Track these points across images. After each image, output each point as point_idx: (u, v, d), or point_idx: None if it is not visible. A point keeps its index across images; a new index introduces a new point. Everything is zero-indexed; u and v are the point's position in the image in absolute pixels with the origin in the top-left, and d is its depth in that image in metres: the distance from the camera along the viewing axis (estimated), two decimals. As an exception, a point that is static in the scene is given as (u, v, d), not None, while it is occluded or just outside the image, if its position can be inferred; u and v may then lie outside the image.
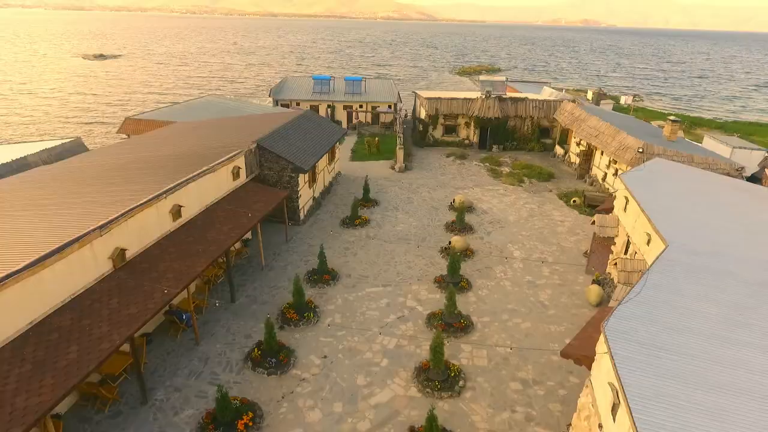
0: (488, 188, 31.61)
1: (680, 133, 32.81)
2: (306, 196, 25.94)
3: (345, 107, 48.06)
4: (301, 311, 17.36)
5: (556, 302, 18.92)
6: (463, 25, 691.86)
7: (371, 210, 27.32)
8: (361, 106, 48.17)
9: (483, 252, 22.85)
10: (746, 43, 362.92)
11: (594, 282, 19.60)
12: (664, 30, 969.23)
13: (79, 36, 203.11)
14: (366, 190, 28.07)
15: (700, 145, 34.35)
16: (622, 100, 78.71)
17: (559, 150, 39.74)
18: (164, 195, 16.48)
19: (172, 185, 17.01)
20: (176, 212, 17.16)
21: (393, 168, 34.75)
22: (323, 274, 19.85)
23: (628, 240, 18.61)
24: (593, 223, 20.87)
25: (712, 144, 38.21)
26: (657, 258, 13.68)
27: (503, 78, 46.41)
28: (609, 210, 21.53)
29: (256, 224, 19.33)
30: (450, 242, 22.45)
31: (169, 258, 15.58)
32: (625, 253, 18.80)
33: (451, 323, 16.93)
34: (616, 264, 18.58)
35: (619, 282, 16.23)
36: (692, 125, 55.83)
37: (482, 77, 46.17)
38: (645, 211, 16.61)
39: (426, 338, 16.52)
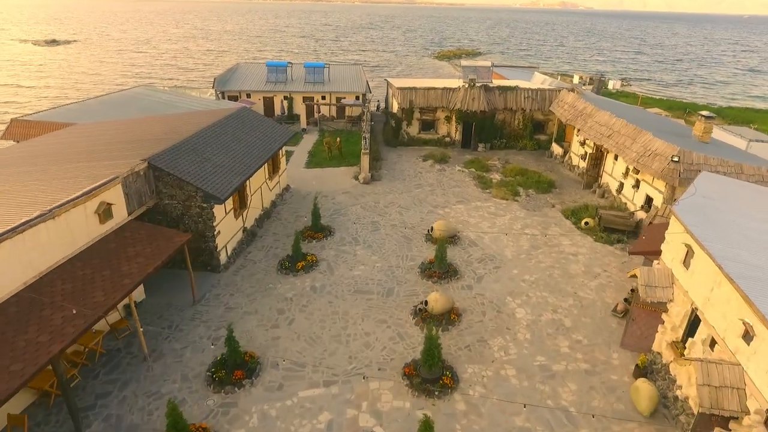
0: (476, 205, 24.99)
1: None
2: (230, 230, 18.93)
3: (305, 99, 40.75)
4: (183, 455, 10.64)
5: (588, 408, 12.45)
6: (442, 8, 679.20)
7: (322, 243, 20.45)
8: (323, 98, 40.93)
9: (473, 312, 16.29)
10: (723, 24, 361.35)
11: (639, 371, 13.22)
12: (641, 12, 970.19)
13: (34, 20, 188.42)
14: (316, 215, 21.14)
15: (739, 148, 28.24)
16: (611, 84, 72.68)
17: (556, 149, 33.31)
18: (-74, 278, 9.46)
19: (-54, 257, 9.98)
20: (-39, 301, 10.18)
21: (357, 178, 27.87)
22: (234, 369, 13.09)
23: (694, 312, 12.25)
24: (631, 275, 14.53)
25: (725, 136, 32.47)
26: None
27: (488, 63, 39.55)
28: (652, 254, 15.16)
29: (120, 300, 12.37)
30: (426, 302, 15.80)
31: None
32: (690, 335, 12.42)
33: (427, 472, 10.40)
34: (681, 356, 12.16)
35: (702, 406, 9.84)
36: (687, 111, 49.98)
37: (464, 62, 39.23)
38: (736, 282, 10.20)
39: (386, 503, 9.98)
